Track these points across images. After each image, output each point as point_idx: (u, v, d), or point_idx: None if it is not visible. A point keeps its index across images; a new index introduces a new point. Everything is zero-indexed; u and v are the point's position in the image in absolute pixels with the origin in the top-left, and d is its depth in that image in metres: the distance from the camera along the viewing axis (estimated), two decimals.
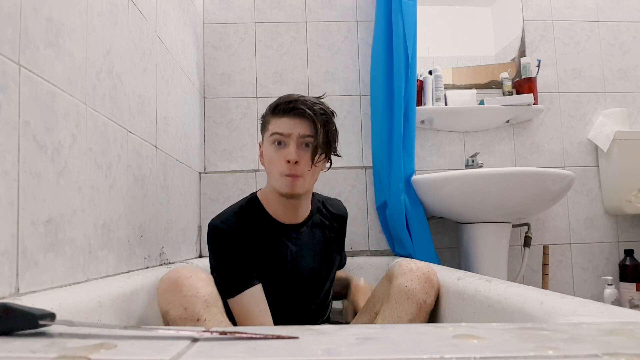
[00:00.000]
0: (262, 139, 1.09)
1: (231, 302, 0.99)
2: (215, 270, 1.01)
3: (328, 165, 1.10)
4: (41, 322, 0.43)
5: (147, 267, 1.14)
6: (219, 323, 0.83)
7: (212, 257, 1.02)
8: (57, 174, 0.75)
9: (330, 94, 1.92)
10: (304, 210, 1.11)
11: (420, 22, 1.77)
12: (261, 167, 1.82)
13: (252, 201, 1.10)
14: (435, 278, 1.01)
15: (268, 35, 1.93)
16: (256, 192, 1.14)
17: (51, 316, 0.44)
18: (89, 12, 0.87)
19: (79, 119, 0.82)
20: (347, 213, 1.24)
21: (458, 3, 2.07)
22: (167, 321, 0.84)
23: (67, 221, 0.77)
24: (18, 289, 0.64)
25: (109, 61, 0.96)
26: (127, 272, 1.02)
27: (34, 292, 0.67)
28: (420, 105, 1.85)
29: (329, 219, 1.17)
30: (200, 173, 1.80)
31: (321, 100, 1.06)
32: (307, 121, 1.00)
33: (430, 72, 1.89)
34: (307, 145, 1.01)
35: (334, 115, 1.06)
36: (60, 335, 0.43)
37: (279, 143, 1.02)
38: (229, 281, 0.99)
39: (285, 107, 1.01)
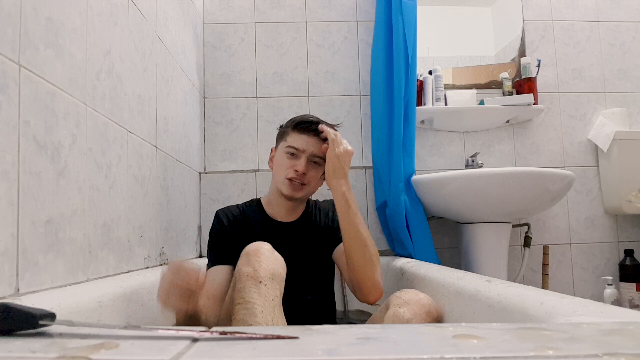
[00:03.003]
0: (277, 146, 1.23)
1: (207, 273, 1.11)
2: (207, 246, 1.19)
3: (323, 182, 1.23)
4: (41, 322, 0.43)
5: (147, 267, 1.14)
6: (274, 297, 0.88)
7: (209, 236, 1.19)
8: (57, 174, 0.75)
9: (330, 94, 1.92)
10: (299, 211, 1.25)
11: (420, 22, 1.77)
12: (261, 167, 1.85)
13: (255, 201, 1.28)
14: (435, 313, 0.95)
15: (268, 35, 1.93)
16: (259, 198, 1.29)
17: (51, 316, 0.44)
18: (89, 12, 0.87)
19: (79, 119, 0.82)
20: (331, 207, 1.31)
21: (458, 3, 2.07)
22: (237, 277, 0.90)
23: (67, 221, 0.77)
24: (18, 289, 0.64)
25: (109, 61, 0.96)
26: (127, 272, 1.02)
27: (34, 292, 0.67)
28: (420, 105, 1.85)
29: (321, 217, 1.28)
30: (200, 173, 1.80)
31: (337, 127, 1.21)
32: (322, 142, 1.15)
33: (430, 72, 1.89)
34: (315, 162, 1.16)
35: None
36: (60, 335, 0.43)
37: (292, 154, 1.16)
38: (208, 257, 1.16)
39: (308, 126, 1.16)
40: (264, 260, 0.91)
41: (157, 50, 1.28)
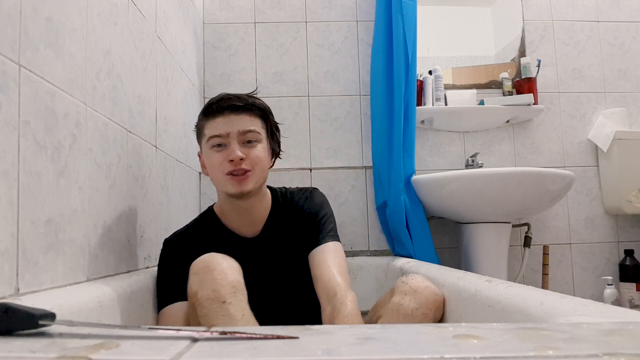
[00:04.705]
0: (200, 149, 1.05)
1: (159, 315, 0.98)
2: (156, 281, 1.02)
3: (273, 160, 1.07)
4: (41, 322, 0.43)
5: (147, 267, 1.14)
6: (242, 309, 0.82)
7: (158, 269, 1.03)
8: (57, 174, 0.75)
9: (330, 94, 1.92)
10: (261, 214, 1.05)
11: (420, 22, 1.76)
12: None
13: (208, 214, 1.09)
14: (439, 303, 0.93)
15: (268, 35, 1.93)
16: (212, 205, 1.11)
17: (51, 316, 0.44)
18: (89, 12, 0.87)
19: (79, 119, 0.82)
20: (308, 202, 1.08)
21: (458, 3, 2.07)
22: (194, 301, 0.84)
23: (67, 221, 0.77)
24: (18, 289, 0.64)
25: (109, 61, 0.96)
26: (127, 272, 1.02)
27: (34, 292, 0.67)
28: (420, 105, 1.85)
29: (293, 217, 1.07)
30: (200, 173, 1.80)
31: (254, 95, 1.02)
32: (245, 115, 0.97)
33: (430, 72, 1.89)
34: (249, 141, 0.97)
35: (270, 112, 1.04)
36: (60, 335, 0.43)
37: (218, 145, 0.97)
38: (159, 294, 1.00)
39: (218, 106, 0.97)
40: (219, 275, 0.82)
41: (157, 50, 1.28)
